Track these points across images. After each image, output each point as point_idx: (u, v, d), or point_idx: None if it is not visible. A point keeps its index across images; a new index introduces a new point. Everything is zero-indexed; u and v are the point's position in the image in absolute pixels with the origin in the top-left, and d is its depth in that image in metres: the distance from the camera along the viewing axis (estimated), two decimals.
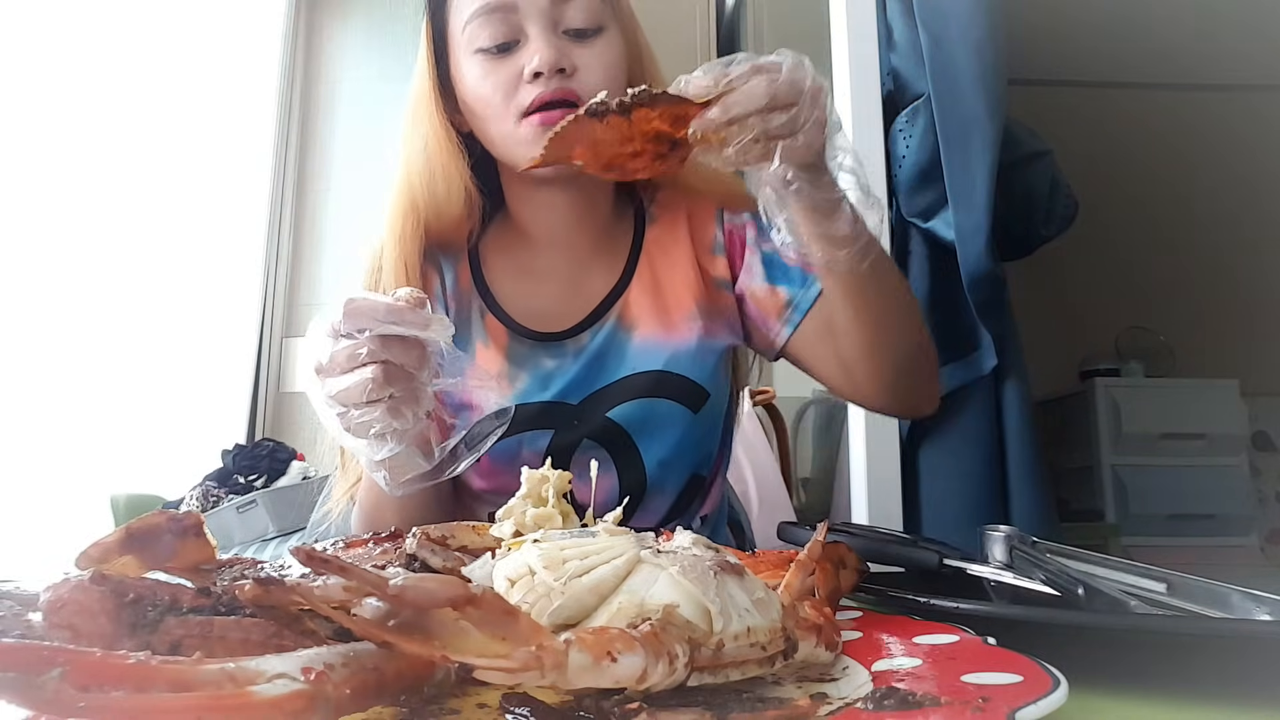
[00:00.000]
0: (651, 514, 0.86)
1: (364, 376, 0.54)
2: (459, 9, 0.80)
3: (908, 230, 1.40)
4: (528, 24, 0.76)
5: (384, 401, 0.55)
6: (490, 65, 0.77)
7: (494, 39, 0.77)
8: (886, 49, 1.41)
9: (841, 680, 0.34)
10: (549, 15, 0.77)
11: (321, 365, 0.56)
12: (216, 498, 1.87)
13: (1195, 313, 2.92)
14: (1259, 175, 2.91)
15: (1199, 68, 2.91)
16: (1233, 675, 0.37)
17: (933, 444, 1.32)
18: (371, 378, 0.54)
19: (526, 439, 0.82)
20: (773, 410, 1.64)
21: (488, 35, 0.77)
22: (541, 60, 0.74)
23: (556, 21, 0.77)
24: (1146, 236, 2.97)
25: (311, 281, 2.61)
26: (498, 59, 0.77)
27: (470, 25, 0.78)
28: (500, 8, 0.77)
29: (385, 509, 0.75)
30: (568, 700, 0.30)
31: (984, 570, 0.55)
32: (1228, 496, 2.47)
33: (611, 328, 0.85)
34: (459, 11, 0.80)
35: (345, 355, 0.55)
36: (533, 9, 0.76)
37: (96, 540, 0.38)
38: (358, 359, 0.54)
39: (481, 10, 0.77)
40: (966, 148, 1.30)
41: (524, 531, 0.45)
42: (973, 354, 1.33)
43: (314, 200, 2.66)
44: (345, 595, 0.29)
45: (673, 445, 0.84)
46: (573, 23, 0.78)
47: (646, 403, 0.83)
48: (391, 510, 0.75)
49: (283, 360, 2.54)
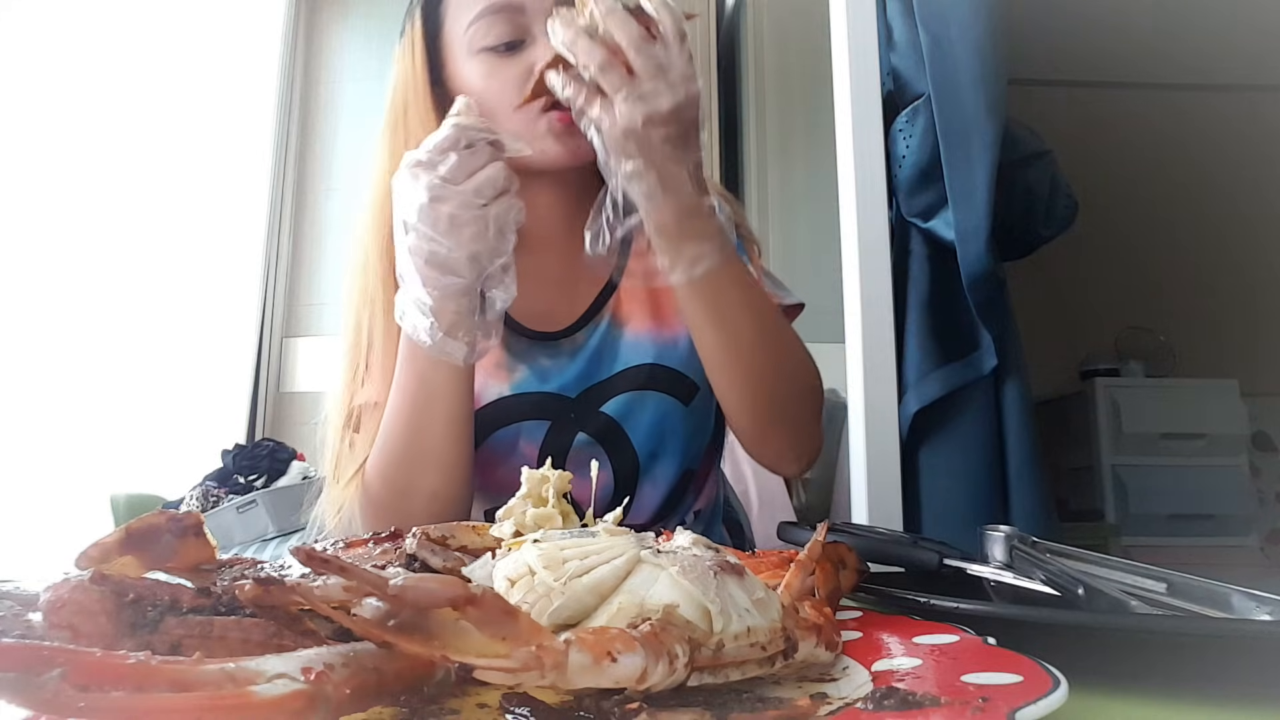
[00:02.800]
0: (645, 508, 0.87)
1: (496, 169, 0.65)
2: (459, 12, 0.81)
3: (908, 230, 1.40)
4: (534, 24, 0.78)
5: (510, 192, 0.66)
6: (497, 63, 0.79)
7: (501, 38, 0.78)
8: (886, 49, 1.41)
9: (841, 680, 0.34)
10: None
11: (447, 178, 0.64)
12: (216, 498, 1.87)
13: (1195, 313, 2.92)
14: (1259, 175, 2.91)
15: (1199, 68, 2.91)
16: (1233, 675, 0.37)
17: (933, 444, 1.32)
18: (501, 169, 0.65)
19: (525, 429, 0.84)
20: None
21: (495, 34, 0.78)
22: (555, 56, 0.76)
23: None
24: (1146, 236, 2.97)
25: (311, 281, 2.61)
26: (504, 57, 0.78)
27: (475, 26, 0.79)
28: (506, 8, 0.78)
29: (436, 413, 0.74)
30: (568, 700, 0.30)
31: (984, 570, 0.55)
32: (1228, 496, 2.48)
33: (605, 326, 0.87)
34: (458, 15, 0.81)
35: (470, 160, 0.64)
36: (539, 10, 0.78)
37: (96, 540, 0.38)
38: (480, 160, 0.64)
39: (488, 10, 0.78)
40: (966, 148, 1.30)
41: (524, 531, 0.45)
42: (973, 354, 1.33)
43: (314, 200, 2.65)
44: (345, 595, 0.29)
45: (664, 438, 0.86)
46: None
47: (638, 395, 0.85)
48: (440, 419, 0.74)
49: (283, 360, 2.54)
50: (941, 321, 1.34)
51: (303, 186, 2.66)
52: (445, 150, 0.64)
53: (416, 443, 0.74)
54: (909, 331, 1.34)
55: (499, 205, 0.65)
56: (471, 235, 0.64)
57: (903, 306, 1.34)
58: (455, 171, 0.64)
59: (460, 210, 0.64)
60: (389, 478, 0.76)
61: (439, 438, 0.74)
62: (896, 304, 1.24)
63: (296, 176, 2.66)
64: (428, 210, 0.64)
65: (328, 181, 2.66)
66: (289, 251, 2.62)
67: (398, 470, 0.75)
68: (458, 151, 0.64)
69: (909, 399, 1.30)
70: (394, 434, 0.75)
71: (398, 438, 0.75)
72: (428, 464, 0.74)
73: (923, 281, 1.37)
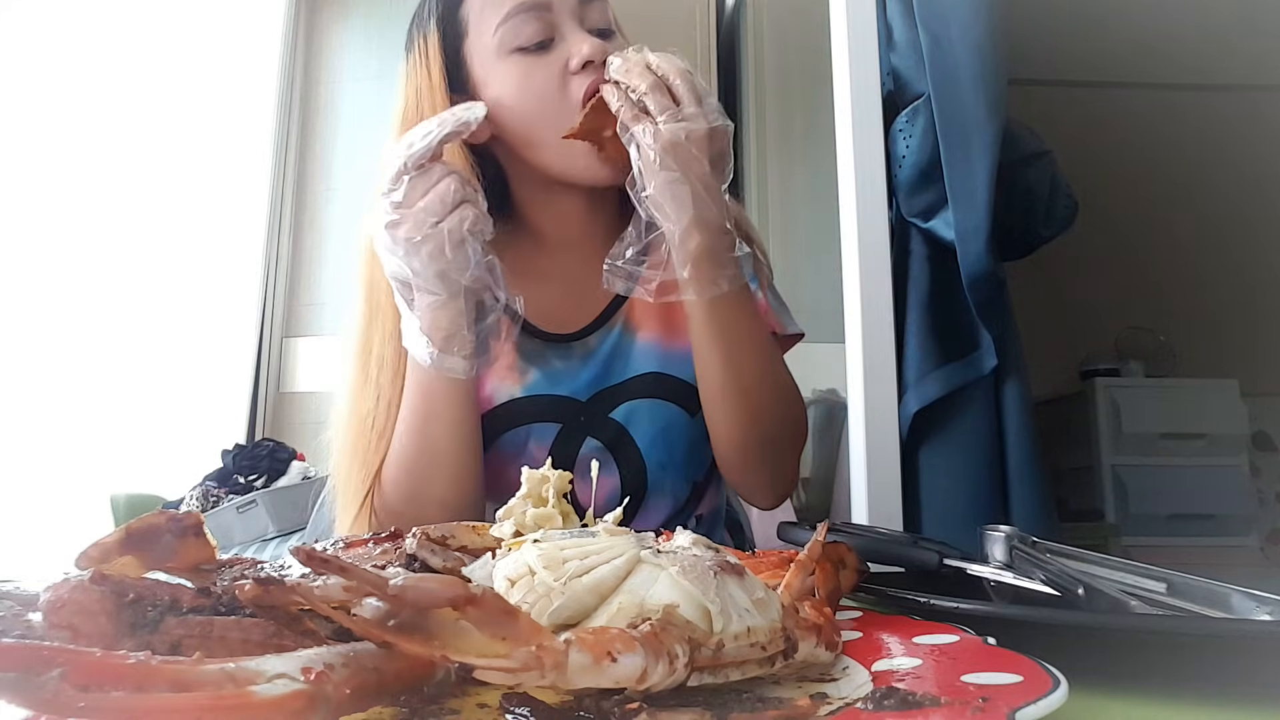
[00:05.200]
0: (653, 521, 0.87)
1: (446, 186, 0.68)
2: (484, 14, 0.80)
3: (908, 230, 1.40)
4: (561, 22, 0.79)
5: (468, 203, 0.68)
6: (531, 63, 0.78)
7: (532, 38, 0.78)
8: (886, 49, 1.40)
9: (841, 680, 0.34)
10: (578, 14, 0.81)
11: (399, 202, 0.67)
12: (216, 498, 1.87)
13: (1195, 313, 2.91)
14: (1259, 175, 2.91)
15: (1199, 68, 2.91)
16: (1233, 675, 0.37)
17: (933, 444, 1.32)
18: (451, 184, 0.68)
19: (535, 431, 0.84)
20: None
21: (526, 34, 0.78)
22: (591, 49, 0.77)
23: (583, 20, 0.81)
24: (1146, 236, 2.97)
25: (311, 281, 2.61)
26: (537, 56, 0.78)
27: (505, 26, 0.78)
28: (536, 6, 0.78)
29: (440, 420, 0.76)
30: (568, 700, 0.30)
31: (984, 570, 0.55)
32: (1228, 496, 2.47)
33: (619, 331, 0.87)
34: (484, 17, 0.80)
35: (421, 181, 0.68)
36: (565, 8, 0.80)
37: (96, 540, 0.38)
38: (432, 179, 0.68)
39: (518, 9, 0.78)
40: (966, 148, 1.30)
41: (524, 531, 0.45)
42: (973, 354, 1.33)
43: (314, 200, 2.65)
44: (345, 595, 0.29)
45: (670, 447, 0.86)
46: (595, 23, 0.81)
47: (645, 403, 0.85)
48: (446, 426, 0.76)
49: (283, 360, 2.54)
50: (941, 321, 1.34)
51: (303, 187, 2.66)
52: (398, 177, 0.68)
53: (424, 453, 0.76)
54: (909, 331, 1.34)
55: (451, 219, 0.67)
56: (429, 253, 0.68)
57: (903, 306, 1.34)
58: (408, 195, 0.68)
59: (413, 231, 0.67)
60: (400, 486, 0.78)
61: (445, 448, 0.76)
62: (896, 304, 1.24)
63: (296, 177, 2.66)
64: (387, 236, 0.68)
65: (328, 182, 2.66)
66: (289, 251, 2.61)
67: (408, 479, 0.77)
68: (409, 175, 0.68)
69: (909, 399, 1.30)
70: (403, 444, 0.77)
71: (406, 448, 0.77)
72: (436, 473, 0.77)
73: (923, 281, 1.37)
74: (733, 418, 0.79)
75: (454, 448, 0.76)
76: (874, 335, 1.19)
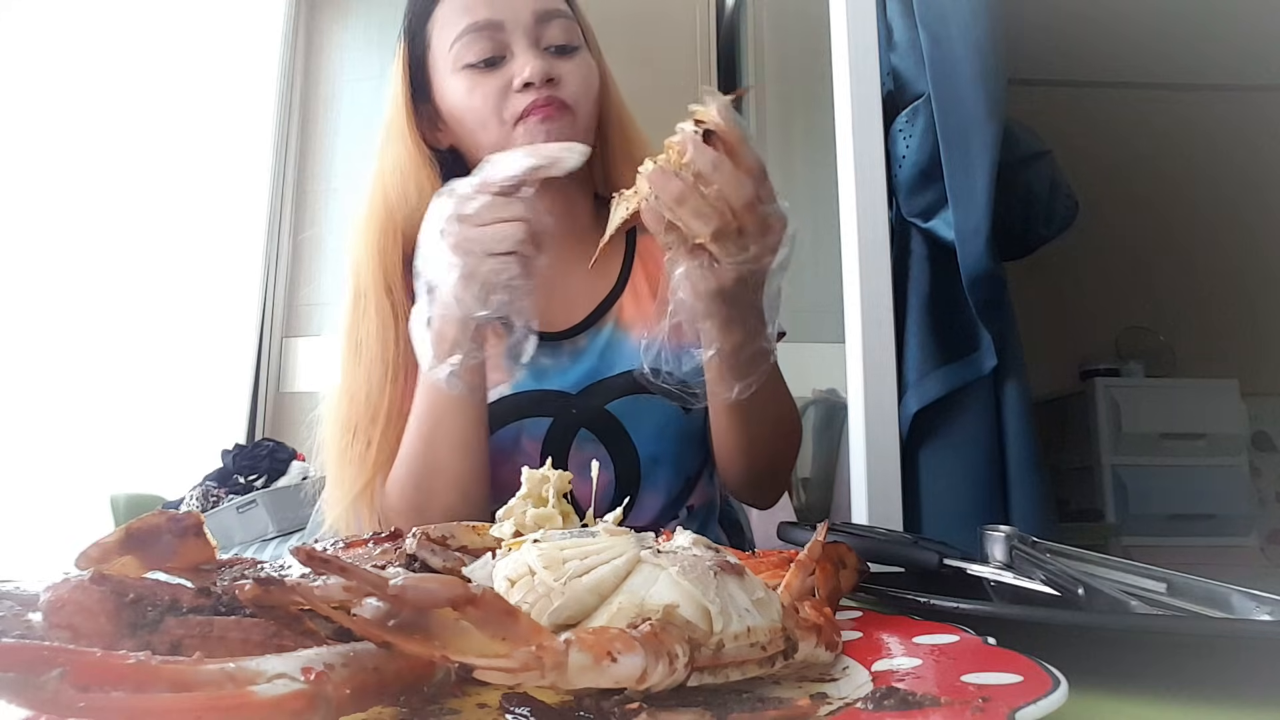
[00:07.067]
0: (646, 513, 0.88)
1: (514, 229, 0.64)
2: (443, 30, 0.84)
3: (908, 230, 1.40)
4: (513, 42, 0.82)
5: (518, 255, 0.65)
6: (478, 79, 0.83)
7: (481, 54, 0.82)
8: (886, 49, 1.41)
9: (841, 680, 0.34)
10: (532, 33, 0.83)
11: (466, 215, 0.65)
12: (216, 498, 1.87)
13: (1195, 313, 2.92)
14: (1259, 175, 2.91)
15: (1199, 68, 2.91)
16: (1233, 675, 0.37)
17: (933, 444, 1.32)
18: (518, 231, 0.64)
19: (526, 426, 0.85)
20: None
21: (476, 51, 0.82)
22: (533, 71, 0.80)
23: (538, 39, 0.83)
24: (1146, 236, 2.97)
25: (311, 281, 2.61)
26: (484, 73, 0.83)
27: (458, 43, 0.83)
28: (488, 26, 0.82)
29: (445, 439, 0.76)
30: (568, 700, 0.30)
31: (984, 570, 0.55)
32: (1228, 496, 2.48)
33: (611, 329, 0.89)
34: (443, 33, 0.84)
35: (496, 208, 0.65)
36: (518, 28, 0.83)
37: (96, 540, 0.38)
38: (506, 213, 0.65)
39: (470, 29, 0.82)
40: (966, 148, 1.30)
41: (524, 531, 0.45)
42: (973, 354, 1.33)
43: (314, 200, 2.65)
44: (345, 595, 0.29)
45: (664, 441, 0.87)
46: (553, 40, 0.84)
47: (639, 398, 0.86)
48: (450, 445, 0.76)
49: (283, 360, 2.54)
50: (941, 321, 1.34)
51: (303, 186, 2.66)
52: (483, 187, 0.66)
53: (428, 461, 0.77)
54: (909, 331, 1.34)
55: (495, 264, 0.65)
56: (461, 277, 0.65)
57: (903, 306, 1.34)
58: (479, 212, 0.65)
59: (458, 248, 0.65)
60: (405, 494, 0.79)
61: (449, 458, 0.77)
62: (896, 304, 1.24)
63: (296, 176, 2.66)
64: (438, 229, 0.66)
65: (328, 181, 2.66)
66: (289, 251, 2.61)
67: (414, 488, 0.78)
68: (491, 192, 0.66)
69: (909, 399, 1.30)
70: (408, 452, 0.78)
71: (412, 456, 0.78)
72: (440, 482, 0.77)
73: (923, 281, 1.37)
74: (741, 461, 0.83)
75: (457, 458, 0.77)
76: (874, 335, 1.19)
